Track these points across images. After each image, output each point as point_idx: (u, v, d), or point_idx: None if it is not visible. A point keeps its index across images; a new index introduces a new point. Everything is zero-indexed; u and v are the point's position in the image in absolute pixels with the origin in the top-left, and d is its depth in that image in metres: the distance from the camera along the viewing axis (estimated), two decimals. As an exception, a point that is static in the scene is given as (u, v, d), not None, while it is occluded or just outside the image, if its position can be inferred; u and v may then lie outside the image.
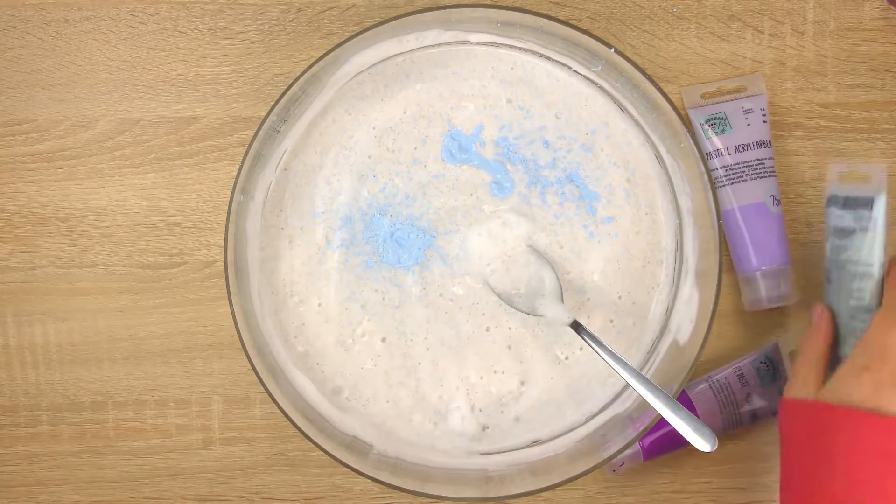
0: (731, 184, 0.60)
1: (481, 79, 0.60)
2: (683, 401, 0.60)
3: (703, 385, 0.61)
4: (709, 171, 0.56)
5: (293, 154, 0.60)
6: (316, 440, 0.57)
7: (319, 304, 0.60)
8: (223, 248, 0.57)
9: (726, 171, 0.60)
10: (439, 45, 0.59)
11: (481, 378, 0.60)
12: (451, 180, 0.60)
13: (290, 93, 0.56)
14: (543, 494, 0.62)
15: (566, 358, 0.60)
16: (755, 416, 0.60)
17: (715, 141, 0.60)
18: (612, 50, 0.56)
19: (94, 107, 0.62)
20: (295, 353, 0.60)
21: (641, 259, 0.60)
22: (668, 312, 0.60)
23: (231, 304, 0.57)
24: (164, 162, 0.62)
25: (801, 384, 0.51)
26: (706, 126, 0.60)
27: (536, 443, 0.60)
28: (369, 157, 0.60)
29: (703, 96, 0.61)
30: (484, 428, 0.60)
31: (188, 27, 0.61)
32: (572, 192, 0.60)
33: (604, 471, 0.62)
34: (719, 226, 0.56)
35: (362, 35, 0.55)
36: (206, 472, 0.63)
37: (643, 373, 0.58)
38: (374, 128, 0.60)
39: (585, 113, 0.60)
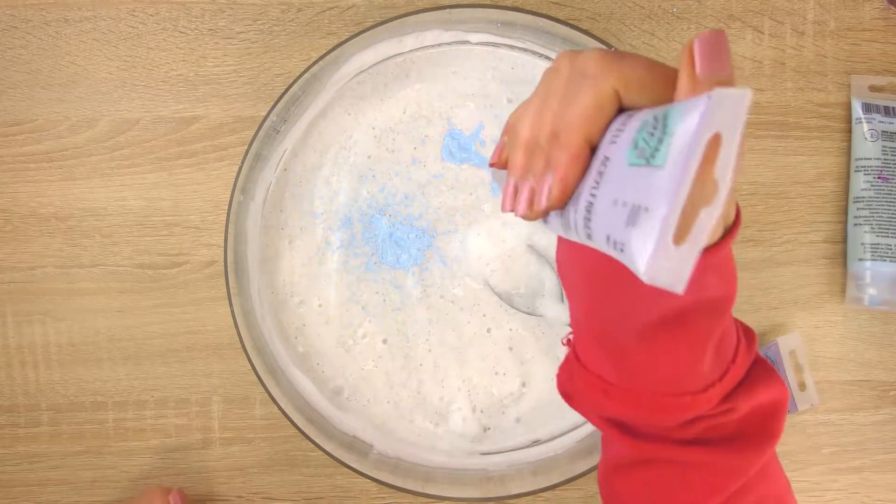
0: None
1: (481, 78, 0.60)
2: (683, 401, 0.60)
3: (703, 385, 0.61)
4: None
5: (293, 154, 0.60)
6: (316, 440, 0.57)
7: (320, 305, 0.60)
8: (223, 248, 0.57)
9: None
10: (439, 45, 0.59)
11: (483, 379, 0.60)
12: (450, 180, 0.60)
13: (290, 93, 0.56)
14: (543, 494, 0.62)
15: (566, 358, 0.60)
16: (755, 416, 0.60)
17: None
18: (613, 50, 0.56)
19: (94, 107, 0.62)
20: (295, 354, 0.60)
21: (641, 259, 0.60)
22: (668, 312, 0.60)
23: (231, 304, 0.57)
24: (164, 162, 0.62)
25: None
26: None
27: (537, 443, 0.60)
28: (369, 157, 0.60)
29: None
30: (485, 429, 0.60)
31: (188, 27, 0.61)
32: (572, 192, 0.60)
33: (604, 471, 0.62)
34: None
35: (362, 35, 0.55)
36: (206, 472, 0.63)
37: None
38: (373, 127, 0.60)
39: (585, 113, 0.60)
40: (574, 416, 0.60)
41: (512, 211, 0.36)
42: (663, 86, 0.32)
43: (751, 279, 0.62)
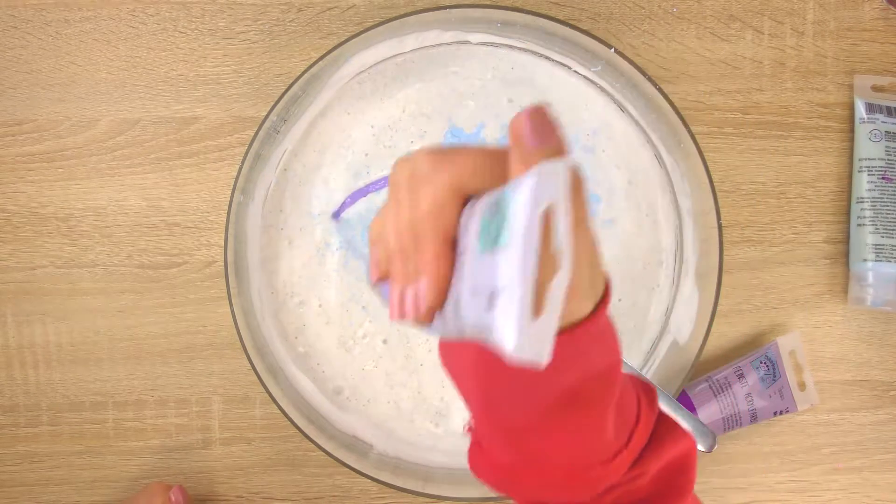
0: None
1: (482, 78, 0.60)
2: (683, 401, 0.60)
3: (703, 385, 0.61)
4: (709, 171, 0.56)
5: (293, 154, 0.60)
6: (316, 440, 0.57)
7: (320, 306, 0.60)
8: (223, 248, 0.57)
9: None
10: (439, 45, 0.59)
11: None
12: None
13: (290, 93, 0.56)
14: (543, 494, 0.62)
15: (566, 358, 0.60)
16: (755, 416, 0.60)
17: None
18: (612, 50, 0.56)
19: (94, 107, 0.61)
20: (295, 354, 0.60)
21: (642, 260, 0.60)
22: (668, 313, 0.60)
23: (231, 304, 0.57)
24: (164, 162, 0.62)
25: None
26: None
27: (536, 443, 0.60)
28: (366, 154, 0.60)
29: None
30: (484, 428, 0.60)
31: (188, 27, 0.61)
32: (573, 192, 0.60)
33: (604, 471, 0.62)
34: (720, 226, 0.56)
35: (362, 35, 0.55)
36: (206, 472, 0.63)
37: (643, 373, 0.58)
38: (372, 126, 0.60)
39: (586, 113, 0.60)
40: (574, 416, 0.60)
41: (400, 319, 0.36)
42: (500, 168, 0.32)
43: (751, 279, 0.63)
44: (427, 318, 0.34)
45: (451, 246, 0.33)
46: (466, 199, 0.33)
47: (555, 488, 0.37)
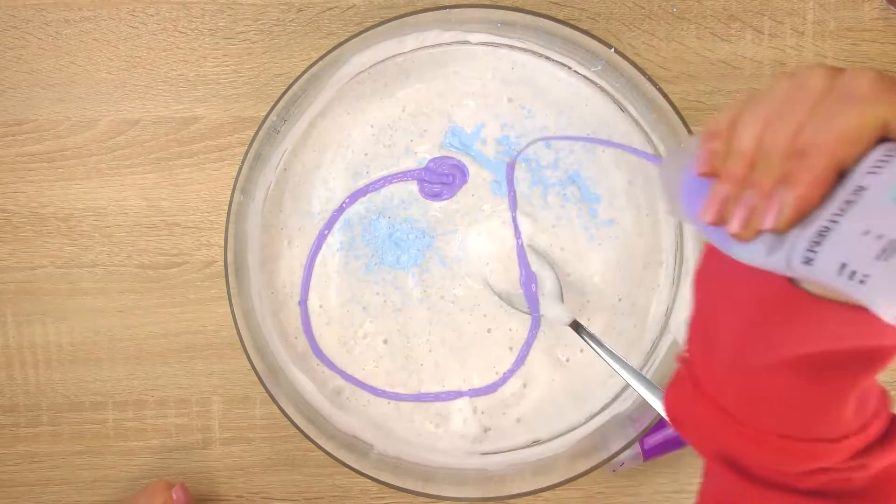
0: None
1: (482, 78, 0.60)
2: (683, 401, 0.60)
3: (703, 385, 0.61)
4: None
5: (293, 154, 0.60)
6: (316, 440, 0.57)
7: (321, 306, 0.60)
8: (223, 248, 0.57)
9: None
10: (439, 45, 0.59)
11: (483, 379, 0.60)
12: (451, 180, 0.60)
13: (290, 93, 0.56)
14: (543, 494, 0.62)
15: (567, 360, 0.60)
16: (755, 416, 0.60)
17: None
18: (612, 50, 0.56)
19: (94, 107, 0.61)
20: (295, 353, 0.60)
21: (642, 260, 0.60)
22: (669, 313, 0.60)
23: (231, 304, 0.57)
24: (164, 162, 0.62)
25: None
26: None
27: (537, 443, 0.60)
28: (365, 154, 0.60)
29: None
30: (486, 429, 0.60)
31: (188, 27, 0.61)
32: (574, 193, 0.60)
33: (604, 471, 0.62)
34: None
35: (362, 35, 0.55)
36: (206, 472, 0.63)
37: (643, 373, 0.58)
38: (372, 126, 0.60)
39: (587, 113, 0.60)
40: (574, 416, 0.60)
41: (714, 223, 0.33)
42: None
43: (751, 279, 0.62)
44: (753, 234, 0.32)
45: (837, 176, 0.30)
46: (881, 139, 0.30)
47: (765, 450, 0.35)
